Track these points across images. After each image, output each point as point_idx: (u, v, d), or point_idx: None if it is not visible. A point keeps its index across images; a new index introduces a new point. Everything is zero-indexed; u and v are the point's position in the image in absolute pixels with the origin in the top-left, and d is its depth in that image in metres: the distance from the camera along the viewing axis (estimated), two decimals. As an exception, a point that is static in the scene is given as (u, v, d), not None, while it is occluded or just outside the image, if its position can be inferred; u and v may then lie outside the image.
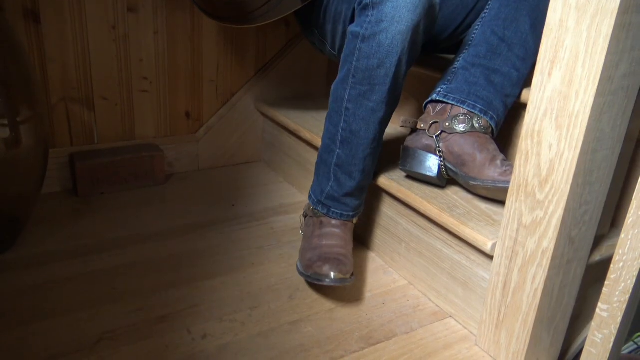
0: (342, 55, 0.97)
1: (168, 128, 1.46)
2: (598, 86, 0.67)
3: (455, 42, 1.23)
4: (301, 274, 0.98)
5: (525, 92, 1.02)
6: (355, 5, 0.95)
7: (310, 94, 1.65)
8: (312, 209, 1.04)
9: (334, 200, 1.01)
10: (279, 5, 1.06)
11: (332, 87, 0.99)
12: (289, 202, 1.38)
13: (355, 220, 1.04)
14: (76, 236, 1.15)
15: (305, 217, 1.08)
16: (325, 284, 0.92)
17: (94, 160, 1.31)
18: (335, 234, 1.00)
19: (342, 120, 0.97)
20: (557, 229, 0.74)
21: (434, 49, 1.27)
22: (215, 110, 1.52)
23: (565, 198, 0.73)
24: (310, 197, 1.05)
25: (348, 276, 0.93)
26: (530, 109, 0.76)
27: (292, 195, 1.42)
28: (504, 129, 1.10)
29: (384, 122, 0.98)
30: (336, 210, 1.01)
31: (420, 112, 1.32)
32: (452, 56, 1.31)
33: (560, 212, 0.74)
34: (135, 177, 1.38)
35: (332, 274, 0.91)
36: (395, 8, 0.88)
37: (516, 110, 1.07)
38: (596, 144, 0.72)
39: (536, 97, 0.75)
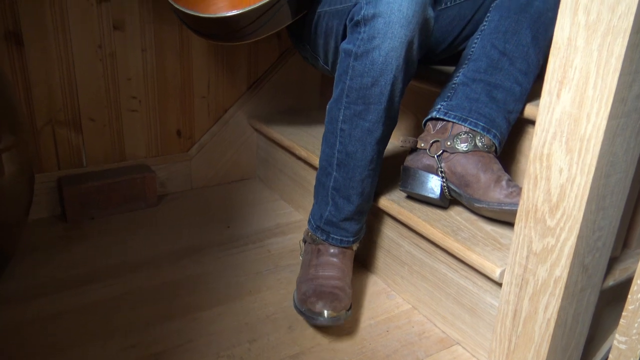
0: (336, 74, 0.93)
1: (159, 147, 1.42)
2: (611, 109, 0.64)
3: (453, 54, 1.20)
4: (296, 308, 0.94)
5: (528, 107, 0.98)
6: (347, 22, 0.91)
7: (304, 107, 1.61)
8: (311, 235, 1.00)
9: (333, 225, 0.97)
10: (268, 23, 1.02)
11: (327, 107, 0.95)
12: (286, 221, 1.34)
13: (355, 247, 1.00)
14: (65, 266, 1.10)
15: (305, 243, 1.04)
16: (318, 323, 0.89)
17: (82, 183, 1.27)
18: (332, 264, 0.96)
19: (337, 142, 0.93)
20: (570, 257, 0.71)
21: (431, 60, 1.24)
22: (208, 128, 1.47)
23: (578, 225, 0.69)
24: (309, 222, 1.01)
25: (343, 312, 0.89)
26: (538, 130, 0.73)
27: (288, 214, 1.38)
28: (508, 146, 1.06)
29: (382, 142, 0.94)
30: (335, 236, 0.97)
31: (418, 126, 1.28)
32: (450, 68, 1.27)
33: (573, 240, 0.70)
34: (126, 199, 1.34)
35: (326, 312, 0.88)
36: (387, 24, 0.84)
37: (519, 125, 1.04)
38: (609, 168, 0.68)
39: (544, 118, 0.71)
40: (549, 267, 0.74)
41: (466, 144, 0.93)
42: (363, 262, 1.15)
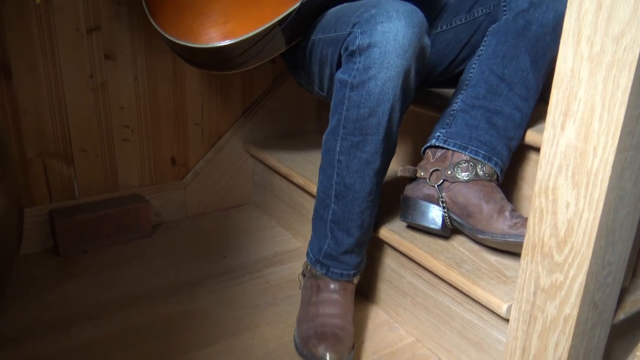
0: (332, 103, 0.90)
1: (153, 176, 1.39)
2: (618, 142, 0.62)
3: (450, 76, 1.18)
4: (297, 349, 0.92)
5: (529, 133, 0.96)
6: (342, 51, 0.89)
7: (300, 131, 1.59)
8: (310, 268, 0.97)
9: (333, 259, 0.94)
10: (261, 52, 1.00)
11: (324, 137, 0.93)
12: (284, 249, 1.31)
13: (356, 280, 0.97)
14: (58, 303, 1.07)
15: (304, 277, 1.01)
16: None
17: (75, 216, 1.24)
18: (333, 301, 0.93)
19: (335, 174, 0.90)
20: (580, 294, 0.68)
21: (428, 83, 1.22)
22: (202, 155, 1.45)
23: (587, 262, 0.66)
24: (308, 254, 0.98)
25: (346, 355, 0.87)
26: (542, 163, 0.70)
27: (286, 242, 1.35)
28: (509, 172, 1.04)
29: (380, 173, 0.91)
30: (335, 270, 0.94)
31: (417, 151, 1.26)
32: (448, 90, 1.26)
33: (582, 277, 0.67)
34: (120, 231, 1.31)
35: (328, 356, 0.85)
36: (383, 53, 0.82)
37: (520, 151, 1.01)
38: (618, 202, 0.66)
39: (548, 151, 0.69)
40: (558, 305, 0.71)
41: (467, 173, 0.91)
42: (364, 292, 1.12)
